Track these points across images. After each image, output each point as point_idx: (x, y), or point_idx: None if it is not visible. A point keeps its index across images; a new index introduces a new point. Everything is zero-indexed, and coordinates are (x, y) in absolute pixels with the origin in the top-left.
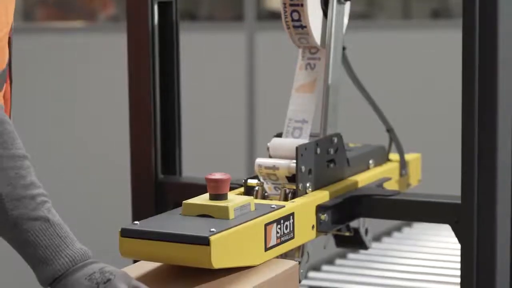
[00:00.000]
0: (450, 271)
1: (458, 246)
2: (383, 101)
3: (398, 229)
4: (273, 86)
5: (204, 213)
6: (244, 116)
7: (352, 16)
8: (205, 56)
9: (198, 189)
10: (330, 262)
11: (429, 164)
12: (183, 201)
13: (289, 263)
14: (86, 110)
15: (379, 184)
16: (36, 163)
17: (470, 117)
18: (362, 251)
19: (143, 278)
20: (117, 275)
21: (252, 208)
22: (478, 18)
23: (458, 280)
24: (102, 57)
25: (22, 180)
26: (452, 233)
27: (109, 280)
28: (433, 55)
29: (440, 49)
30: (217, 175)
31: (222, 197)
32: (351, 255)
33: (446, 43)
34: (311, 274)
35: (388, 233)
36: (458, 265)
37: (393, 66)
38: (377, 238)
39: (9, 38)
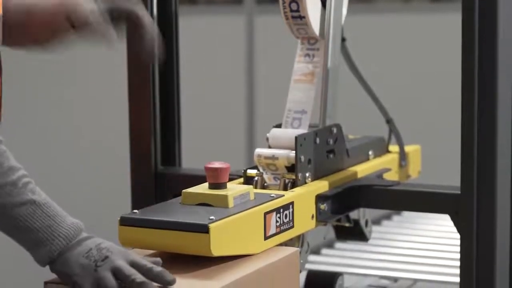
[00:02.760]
0: (450, 254)
1: None
2: (381, 88)
3: (398, 212)
4: (273, 71)
5: (204, 202)
6: (244, 107)
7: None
8: (205, 40)
9: (198, 180)
10: (330, 245)
11: (429, 155)
12: (183, 190)
13: (290, 250)
14: (85, 99)
15: (379, 174)
16: (35, 155)
17: (470, 107)
18: None
19: None
20: (114, 251)
21: (252, 197)
22: (478, 1)
23: (458, 263)
24: (102, 51)
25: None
26: None
27: (106, 257)
28: (434, 39)
29: (440, 33)
30: (216, 164)
31: (222, 186)
32: None
33: (446, 27)
34: (311, 257)
35: (387, 217)
36: (458, 248)
37: (392, 51)
38: (377, 222)
39: None
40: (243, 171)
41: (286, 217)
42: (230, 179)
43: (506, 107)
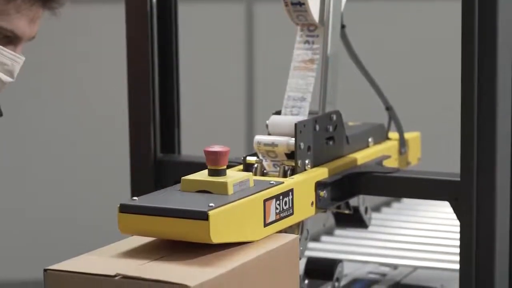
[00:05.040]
0: (450, 241)
1: None
2: (381, 75)
3: (398, 199)
4: (273, 58)
5: (203, 189)
6: (244, 94)
7: None
8: (204, 27)
9: (198, 167)
10: (329, 232)
11: (429, 142)
12: (182, 177)
13: (289, 237)
14: (83, 87)
15: (379, 162)
16: (33, 143)
17: (470, 93)
18: None
19: (140, 250)
20: None
21: (251, 184)
22: None
23: (458, 250)
24: (101, 28)
25: None
26: None
27: None
28: (434, 25)
29: (440, 19)
30: (216, 148)
31: (221, 172)
32: None
33: (446, 13)
34: (311, 244)
35: (387, 204)
36: (458, 235)
37: (392, 37)
38: (377, 209)
39: None
40: (242, 158)
41: (285, 204)
42: (230, 166)
43: (506, 93)
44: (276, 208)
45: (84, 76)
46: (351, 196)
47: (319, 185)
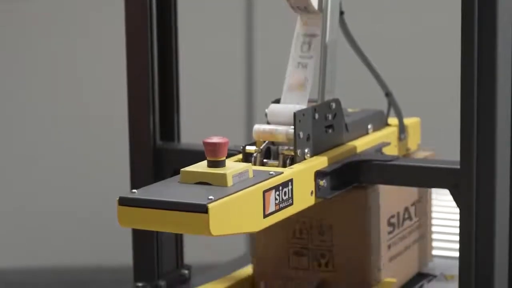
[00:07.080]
0: (450, 229)
1: None
2: (380, 62)
3: None
4: (272, 45)
5: (203, 181)
6: (243, 83)
7: None
8: (203, 14)
9: (197, 155)
10: None
11: (429, 129)
12: (181, 169)
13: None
14: (83, 76)
15: (378, 149)
16: (31, 132)
17: (470, 79)
18: None
19: None
20: None
21: (250, 175)
22: None
23: (458, 238)
24: (100, 21)
25: None
26: None
27: None
28: (434, 11)
29: (440, 5)
30: (215, 139)
31: (220, 164)
32: None
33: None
34: None
35: None
36: (458, 223)
37: (391, 23)
38: None
39: None
40: (241, 147)
41: (285, 195)
42: (229, 155)
43: (506, 80)
44: (276, 199)
45: (82, 65)
46: (350, 184)
47: (319, 174)
